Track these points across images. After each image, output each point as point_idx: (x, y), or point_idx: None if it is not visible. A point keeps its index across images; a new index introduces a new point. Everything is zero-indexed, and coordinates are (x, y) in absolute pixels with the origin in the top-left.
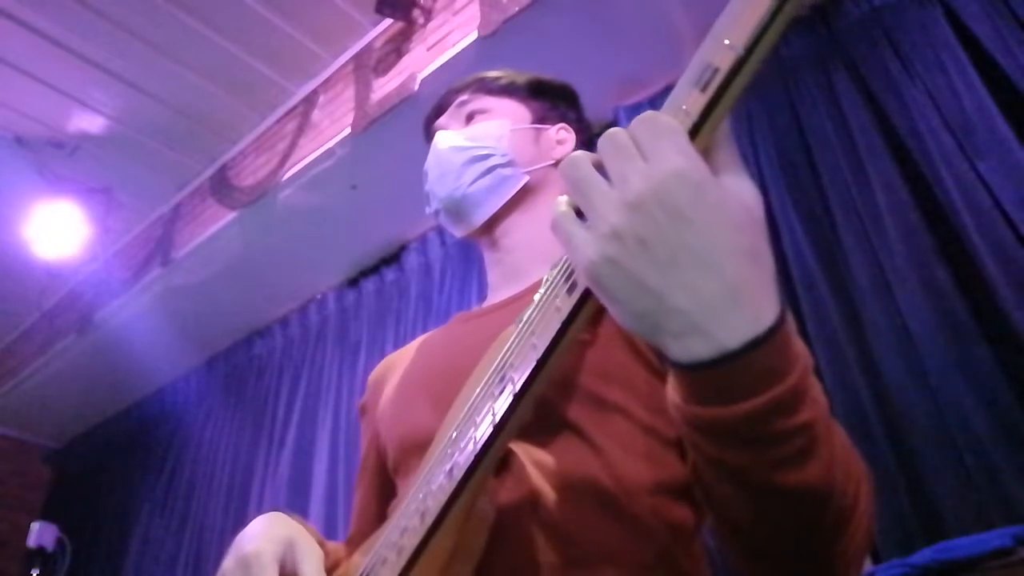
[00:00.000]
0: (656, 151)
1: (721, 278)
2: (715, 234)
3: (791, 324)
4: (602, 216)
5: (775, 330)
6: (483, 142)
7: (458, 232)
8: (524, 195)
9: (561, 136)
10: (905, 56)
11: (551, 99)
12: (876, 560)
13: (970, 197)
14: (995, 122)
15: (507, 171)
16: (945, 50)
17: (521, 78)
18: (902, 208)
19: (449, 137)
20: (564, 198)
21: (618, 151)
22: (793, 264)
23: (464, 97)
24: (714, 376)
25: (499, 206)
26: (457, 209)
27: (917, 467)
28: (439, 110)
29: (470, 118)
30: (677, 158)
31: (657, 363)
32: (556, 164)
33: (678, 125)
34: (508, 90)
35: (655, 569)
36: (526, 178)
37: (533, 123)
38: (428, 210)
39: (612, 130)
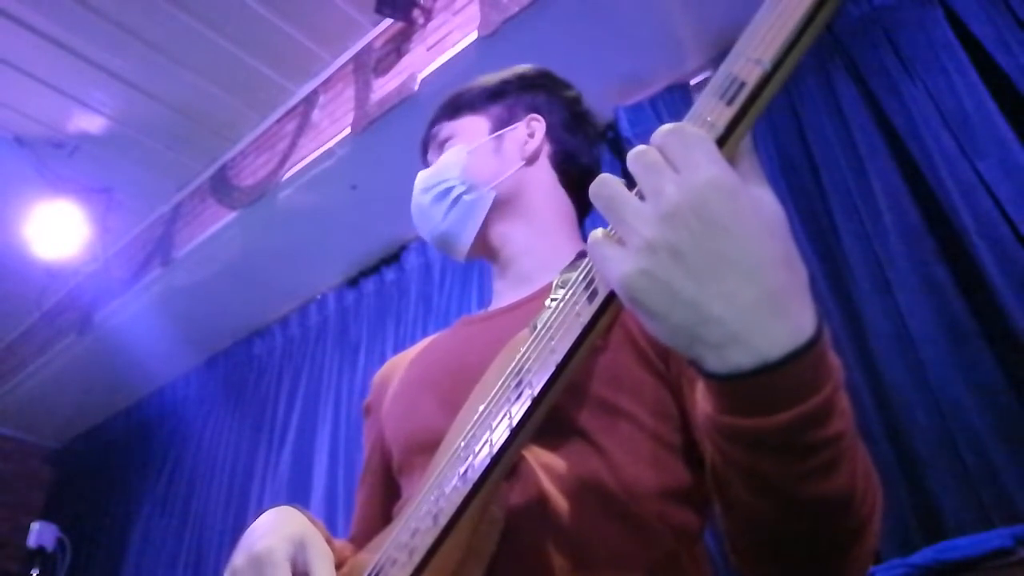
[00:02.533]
0: (688, 162)
1: (760, 286)
2: (752, 242)
3: (827, 335)
4: (635, 230)
5: (814, 341)
6: (443, 175)
7: (458, 259)
8: (506, 204)
9: (532, 128)
10: (905, 56)
11: (513, 95)
12: (876, 560)
13: (970, 197)
14: (995, 122)
15: (470, 196)
16: (945, 50)
17: (478, 87)
18: (902, 208)
19: (420, 179)
20: (600, 229)
21: (649, 167)
22: None
23: (435, 129)
24: (751, 387)
25: (476, 230)
26: (442, 243)
27: (917, 467)
28: (424, 146)
29: (443, 148)
30: (711, 167)
31: (663, 369)
32: (530, 160)
33: (707, 135)
34: (467, 106)
35: (660, 573)
36: (493, 194)
37: (493, 131)
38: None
39: (639, 148)
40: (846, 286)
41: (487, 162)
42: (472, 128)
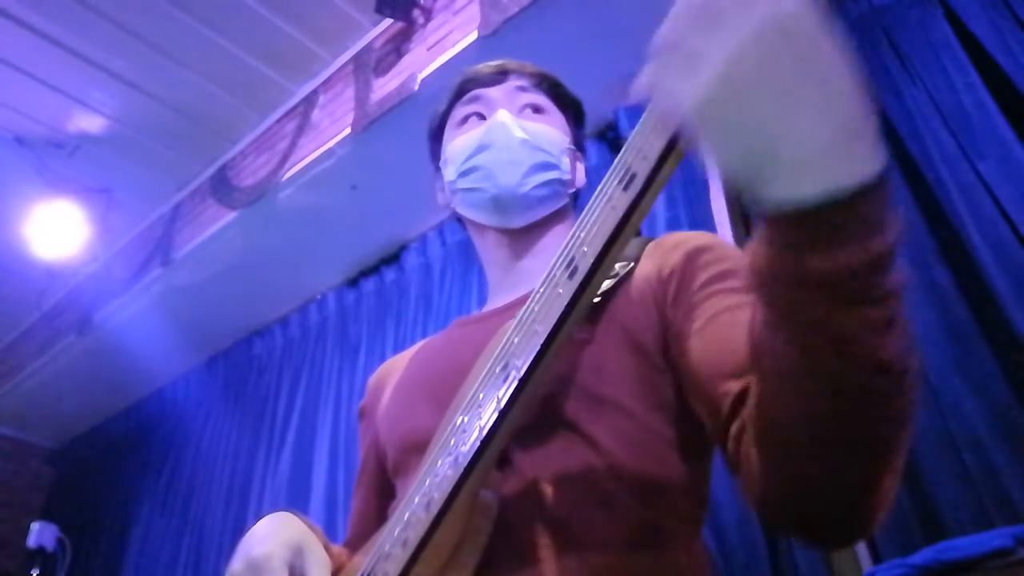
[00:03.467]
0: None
1: (842, 112)
2: (838, 69)
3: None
4: (714, 46)
5: (885, 176)
6: (551, 150)
7: (490, 221)
8: (557, 214)
9: (579, 167)
10: (905, 56)
11: (581, 126)
12: (876, 560)
13: (970, 197)
14: (995, 122)
15: (561, 188)
16: (945, 50)
17: (570, 94)
18: (902, 208)
19: (520, 127)
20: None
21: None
22: None
23: (523, 83)
24: (823, 217)
25: (541, 217)
26: (510, 203)
27: (917, 467)
28: (490, 78)
29: (526, 110)
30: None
31: (660, 360)
32: (575, 193)
33: None
34: (562, 101)
35: (653, 565)
36: (568, 200)
37: (573, 143)
38: (461, 182)
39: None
40: None
41: (573, 168)
42: (564, 126)
